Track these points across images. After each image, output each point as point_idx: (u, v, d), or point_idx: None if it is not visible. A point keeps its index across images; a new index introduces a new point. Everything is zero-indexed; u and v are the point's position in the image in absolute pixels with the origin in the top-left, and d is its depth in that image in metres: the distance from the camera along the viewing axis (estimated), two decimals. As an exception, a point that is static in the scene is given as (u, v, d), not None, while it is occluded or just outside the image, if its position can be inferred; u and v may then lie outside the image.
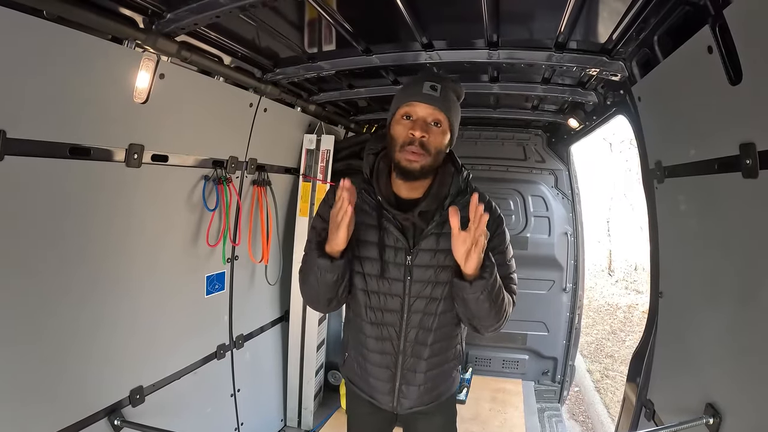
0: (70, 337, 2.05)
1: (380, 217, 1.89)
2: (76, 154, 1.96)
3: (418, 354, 1.98)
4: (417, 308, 1.92)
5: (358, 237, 1.89)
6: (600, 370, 7.64)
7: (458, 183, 1.92)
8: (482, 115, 4.26)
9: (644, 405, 2.43)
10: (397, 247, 1.88)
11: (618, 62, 2.41)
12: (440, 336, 1.98)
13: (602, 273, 14.63)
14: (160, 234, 2.56)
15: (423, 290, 1.90)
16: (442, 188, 1.90)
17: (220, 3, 1.94)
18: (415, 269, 1.88)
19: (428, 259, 1.87)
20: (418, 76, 1.87)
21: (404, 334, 1.95)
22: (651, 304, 2.52)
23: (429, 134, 1.77)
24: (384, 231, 1.88)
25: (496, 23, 2.23)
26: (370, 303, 1.95)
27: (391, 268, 1.89)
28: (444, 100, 1.79)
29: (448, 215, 1.70)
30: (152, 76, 2.20)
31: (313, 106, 3.70)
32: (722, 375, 1.76)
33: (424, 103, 1.77)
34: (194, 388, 2.88)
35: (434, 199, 1.88)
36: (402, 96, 1.84)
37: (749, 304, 1.56)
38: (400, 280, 1.90)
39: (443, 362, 2.05)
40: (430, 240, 1.87)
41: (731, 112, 1.57)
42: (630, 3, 1.85)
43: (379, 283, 1.92)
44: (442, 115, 1.79)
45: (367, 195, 1.91)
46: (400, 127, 1.81)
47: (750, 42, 1.40)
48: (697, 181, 1.90)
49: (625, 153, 14.84)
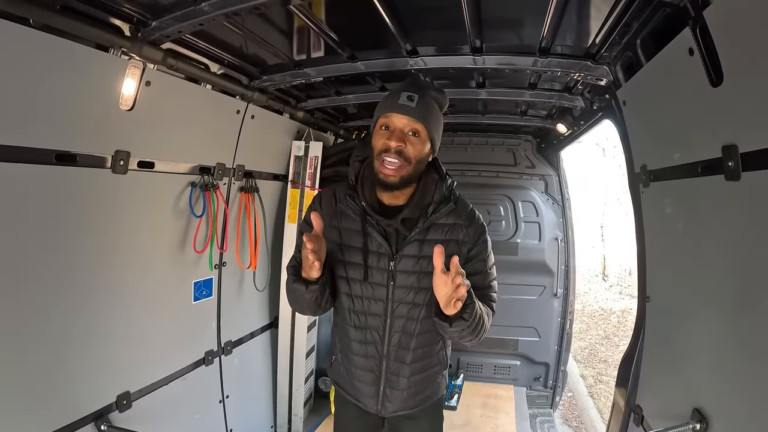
0: (55, 342, 2.04)
1: (364, 222, 1.90)
2: (63, 161, 1.97)
3: (401, 358, 2.00)
4: (400, 313, 1.94)
5: (342, 242, 1.93)
6: (593, 375, 7.63)
7: (442, 190, 1.93)
8: (472, 121, 4.27)
9: (633, 410, 2.43)
10: (380, 253, 1.90)
11: (602, 66, 2.42)
12: (423, 341, 2.00)
13: (596, 278, 14.65)
14: (147, 240, 2.55)
15: (406, 296, 1.92)
16: (425, 196, 1.92)
17: (203, 11, 1.94)
18: (398, 275, 1.90)
19: (411, 265, 1.89)
20: (399, 85, 1.89)
21: (388, 338, 1.97)
22: (638, 309, 2.52)
23: (406, 144, 1.79)
24: (368, 236, 1.90)
25: (479, 29, 2.24)
26: (354, 307, 1.98)
27: (375, 273, 1.91)
28: (421, 110, 1.81)
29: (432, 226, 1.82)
30: (138, 83, 2.21)
31: (302, 113, 3.70)
32: (709, 380, 1.76)
33: (400, 114, 1.80)
34: (182, 394, 2.87)
35: (417, 206, 1.90)
36: (381, 107, 1.87)
37: (735, 307, 1.56)
38: (383, 285, 1.92)
39: (427, 367, 2.07)
40: (414, 246, 1.89)
41: (713, 114, 1.58)
42: (612, 6, 1.85)
43: (363, 288, 1.94)
44: (419, 125, 1.81)
45: (352, 201, 1.92)
46: (378, 137, 1.83)
47: (730, 43, 1.41)
48: (682, 185, 1.91)
49: (618, 158, 14.87)
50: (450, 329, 1.73)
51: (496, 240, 4.72)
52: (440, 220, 1.91)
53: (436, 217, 1.90)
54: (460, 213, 1.96)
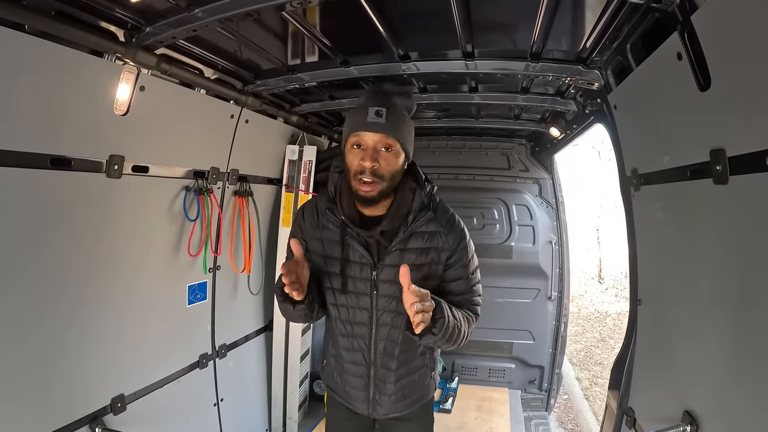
0: (50, 344, 2.05)
1: (344, 234, 1.92)
2: (57, 165, 1.98)
3: (387, 365, 2.03)
4: (384, 321, 1.97)
5: (325, 253, 1.95)
6: (589, 378, 7.64)
7: (421, 198, 1.94)
8: (465, 125, 4.28)
9: (625, 413, 2.44)
10: (362, 263, 1.92)
11: (594, 71, 2.43)
12: (406, 348, 2.03)
13: (592, 281, 14.66)
14: (141, 244, 2.56)
15: (389, 304, 1.94)
16: (402, 206, 1.92)
17: (197, 17, 1.96)
18: (381, 284, 1.92)
19: (393, 274, 1.87)
20: (364, 98, 1.89)
21: (374, 346, 2.00)
22: (630, 312, 2.53)
23: (380, 161, 1.79)
24: (348, 247, 1.92)
25: (470, 34, 2.25)
26: (340, 316, 2.01)
27: (358, 282, 1.93)
28: (391, 123, 1.80)
29: (413, 234, 1.87)
30: (132, 88, 2.22)
31: (296, 117, 3.71)
32: (699, 382, 1.76)
33: (371, 132, 1.78)
34: (177, 397, 2.87)
35: (395, 217, 1.91)
36: (350, 125, 1.85)
37: (725, 309, 1.57)
38: (366, 294, 1.94)
39: (412, 372, 2.09)
40: (395, 255, 1.90)
41: (702, 118, 1.58)
42: (602, 11, 1.87)
43: (347, 298, 1.96)
44: (392, 139, 1.80)
45: (331, 214, 1.94)
46: (352, 156, 1.83)
47: (717, 47, 1.42)
48: (672, 189, 1.92)
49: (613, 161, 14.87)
50: (420, 341, 1.80)
51: (490, 243, 4.80)
52: (420, 228, 1.92)
53: (416, 225, 1.91)
54: (440, 220, 1.96)
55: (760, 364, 1.37)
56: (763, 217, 1.33)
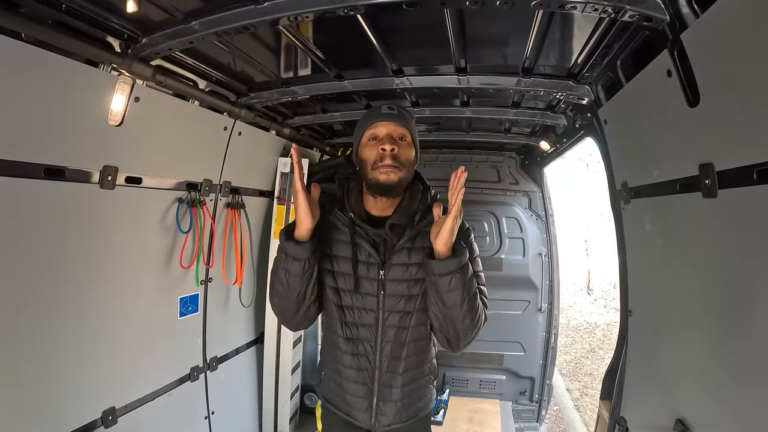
0: (42, 357, 2.03)
1: (353, 233, 1.92)
2: (51, 175, 1.97)
3: (393, 369, 1.99)
4: (391, 322, 1.94)
5: (332, 253, 1.94)
6: (579, 389, 7.65)
7: (426, 200, 1.99)
8: (456, 138, 4.31)
9: (617, 422, 2.45)
10: (369, 262, 1.91)
11: (584, 86, 2.48)
12: (414, 350, 2.00)
13: (581, 292, 14.72)
14: (133, 255, 2.55)
15: (396, 304, 1.92)
16: (412, 203, 1.95)
17: (193, 29, 1.97)
18: (388, 283, 1.91)
19: (401, 273, 1.90)
20: (374, 107, 1.94)
21: (379, 349, 1.97)
22: (621, 323, 2.55)
23: (398, 147, 1.84)
24: (357, 246, 1.91)
25: (463, 49, 2.29)
26: (345, 318, 1.97)
27: (365, 282, 1.92)
28: (403, 116, 1.89)
29: (419, 234, 1.85)
30: (127, 99, 2.22)
31: (288, 130, 3.72)
32: (691, 391, 1.78)
33: (387, 121, 1.86)
34: (168, 410, 2.85)
35: (405, 213, 1.93)
36: (364, 122, 1.92)
37: (714, 320, 1.59)
38: (373, 294, 1.92)
39: (419, 376, 2.07)
40: (402, 254, 1.91)
41: (691, 133, 1.61)
42: (593, 28, 1.91)
43: (354, 298, 1.94)
44: (405, 129, 1.88)
45: (340, 213, 1.95)
46: (369, 149, 1.87)
47: (706, 65, 1.46)
48: (661, 202, 1.95)
49: (601, 173, 14.97)
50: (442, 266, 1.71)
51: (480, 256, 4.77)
52: (427, 228, 1.91)
53: (422, 225, 1.93)
54: None
55: (750, 372, 1.39)
56: (750, 229, 1.36)
